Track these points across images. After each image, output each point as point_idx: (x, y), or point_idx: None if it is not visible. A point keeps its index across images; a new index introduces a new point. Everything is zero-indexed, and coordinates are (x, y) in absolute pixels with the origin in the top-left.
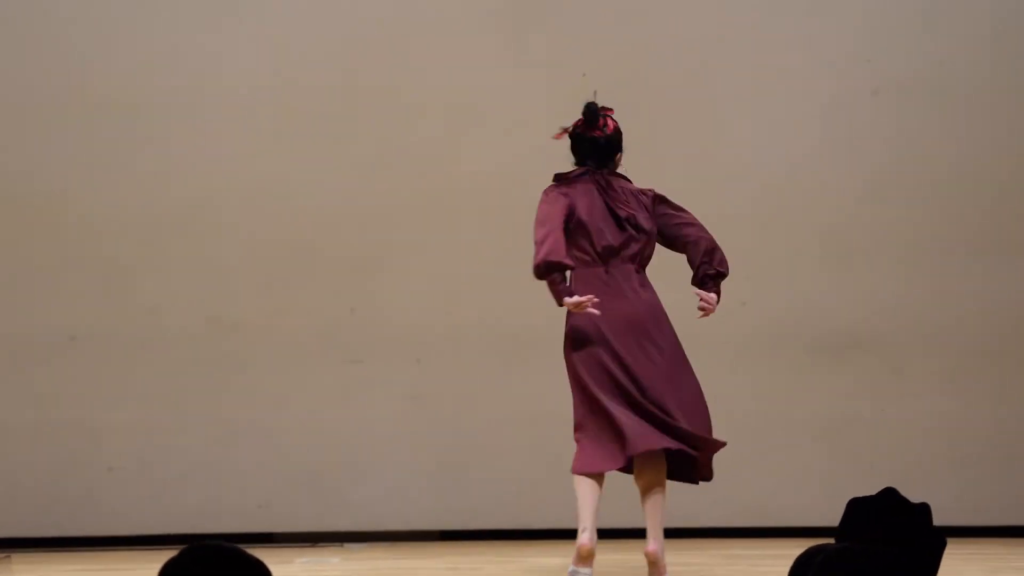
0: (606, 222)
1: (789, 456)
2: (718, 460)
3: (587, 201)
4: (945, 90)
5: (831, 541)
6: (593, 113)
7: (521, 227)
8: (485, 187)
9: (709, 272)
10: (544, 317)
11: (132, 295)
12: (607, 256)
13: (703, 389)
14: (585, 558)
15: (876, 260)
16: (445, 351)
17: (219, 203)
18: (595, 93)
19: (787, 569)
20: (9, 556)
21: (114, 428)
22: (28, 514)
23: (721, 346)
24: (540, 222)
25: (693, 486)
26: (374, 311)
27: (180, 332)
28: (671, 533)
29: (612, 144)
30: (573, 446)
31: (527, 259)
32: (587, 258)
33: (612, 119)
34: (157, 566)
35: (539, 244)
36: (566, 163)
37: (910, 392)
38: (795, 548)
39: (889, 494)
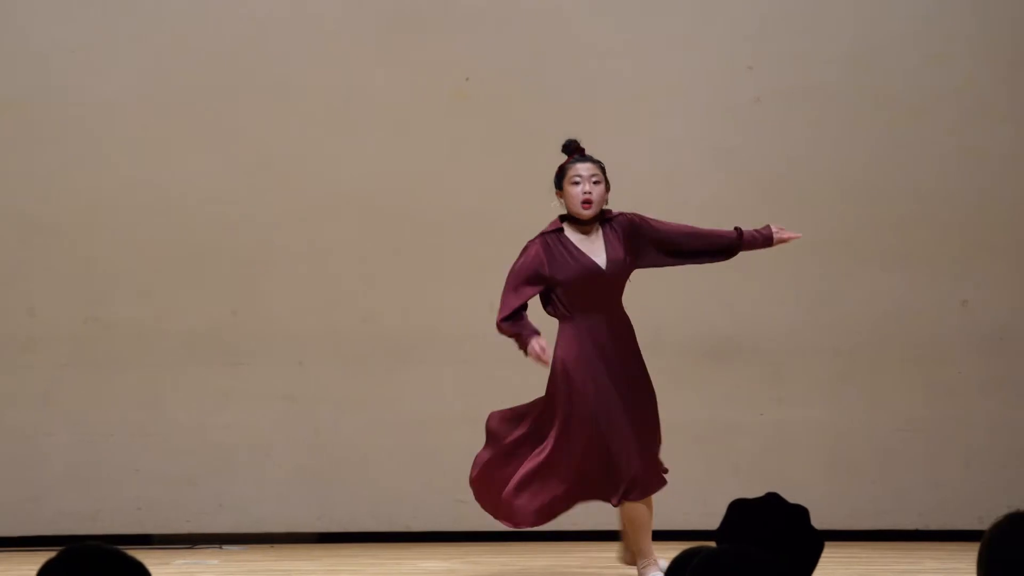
0: None
1: (667, 460)
2: None
3: None
4: (827, 98)
5: (710, 544)
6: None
7: (401, 229)
8: (367, 189)
9: None
10: (425, 320)
11: (9, 295)
12: None
13: None
14: None
15: (755, 267)
16: (326, 353)
17: (100, 204)
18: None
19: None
20: None
21: None
22: None
23: None
24: None
25: None
26: (256, 313)
27: (58, 332)
28: (549, 536)
29: None
30: (449, 446)
31: (408, 261)
32: None
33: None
34: (35, 568)
35: None
36: (447, 169)
37: (788, 398)
38: (672, 551)
39: (770, 498)
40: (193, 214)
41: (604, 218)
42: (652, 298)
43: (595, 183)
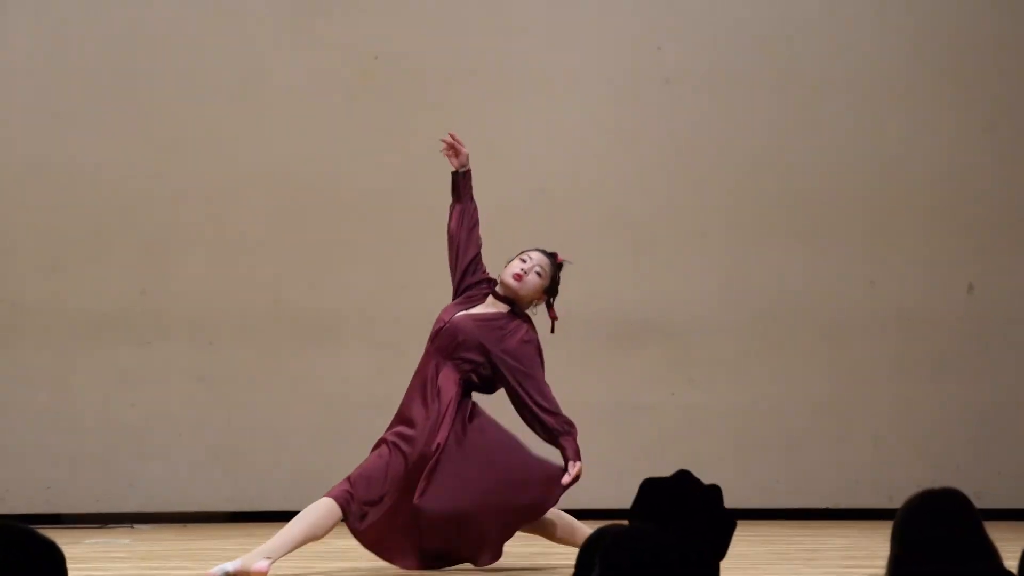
0: None
1: (581, 439)
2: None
3: None
4: (736, 79)
5: (623, 523)
6: None
7: (311, 209)
8: (276, 169)
9: None
10: (336, 301)
11: None
12: None
13: None
14: None
15: (666, 248)
16: (236, 333)
17: (5, 183)
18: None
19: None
20: None
21: None
22: None
23: None
24: None
25: None
26: (164, 293)
27: None
28: None
29: None
30: (359, 426)
31: (317, 241)
32: None
33: None
34: None
35: None
36: (356, 148)
37: (698, 378)
38: (586, 529)
39: (682, 476)
40: (101, 193)
41: (517, 313)
42: (562, 280)
43: (536, 273)
